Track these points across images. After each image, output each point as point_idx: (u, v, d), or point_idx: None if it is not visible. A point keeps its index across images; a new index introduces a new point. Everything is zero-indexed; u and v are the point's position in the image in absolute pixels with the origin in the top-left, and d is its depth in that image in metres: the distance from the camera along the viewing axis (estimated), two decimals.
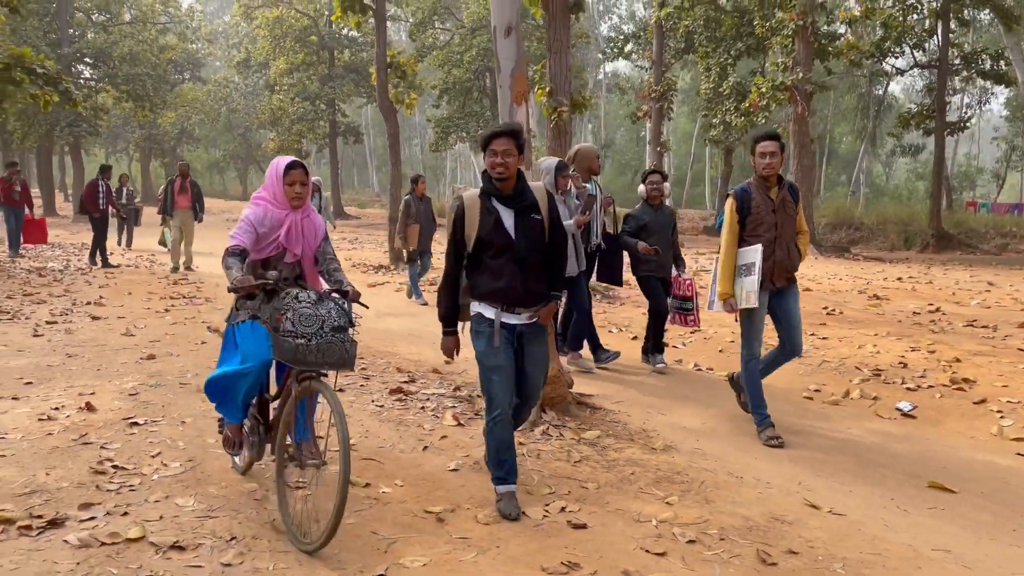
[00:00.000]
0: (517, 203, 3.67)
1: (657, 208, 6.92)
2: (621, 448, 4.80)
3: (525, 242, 3.66)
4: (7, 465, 4.23)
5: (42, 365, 6.51)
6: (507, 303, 3.69)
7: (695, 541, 3.55)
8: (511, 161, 3.59)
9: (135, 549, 3.31)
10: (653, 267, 6.85)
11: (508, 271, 3.65)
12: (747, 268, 5.04)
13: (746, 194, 5.09)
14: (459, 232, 3.72)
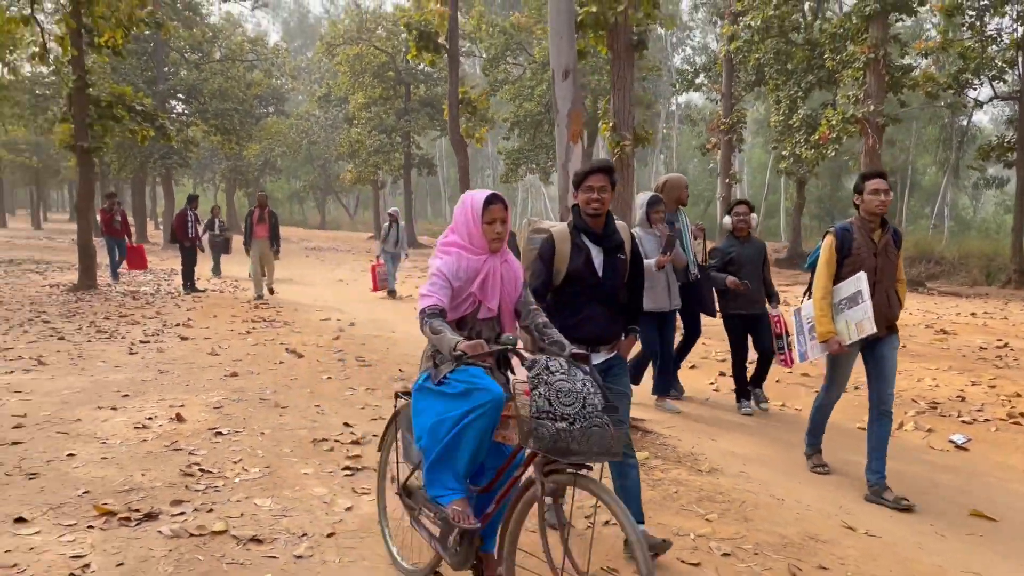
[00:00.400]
0: (607, 242, 3.65)
1: (744, 240, 6.56)
2: (667, 469, 5.02)
3: (611, 282, 3.65)
4: (108, 466, 4.73)
5: (137, 380, 7.10)
6: (591, 343, 3.60)
7: (729, 554, 3.77)
8: (606, 197, 3.57)
9: (219, 541, 3.72)
10: (741, 303, 6.46)
11: (592, 309, 3.64)
12: (850, 300, 4.71)
13: (847, 234, 4.75)
14: (546, 265, 3.65)
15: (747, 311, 6.53)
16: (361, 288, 16.36)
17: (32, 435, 5.32)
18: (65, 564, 3.43)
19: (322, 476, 4.67)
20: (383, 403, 6.53)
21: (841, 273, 4.79)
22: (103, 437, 5.33)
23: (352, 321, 11.29)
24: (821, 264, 4.86)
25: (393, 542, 3.61)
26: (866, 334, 4.64)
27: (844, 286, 4.76)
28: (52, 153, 41.25)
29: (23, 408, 6.01)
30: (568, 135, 5.77)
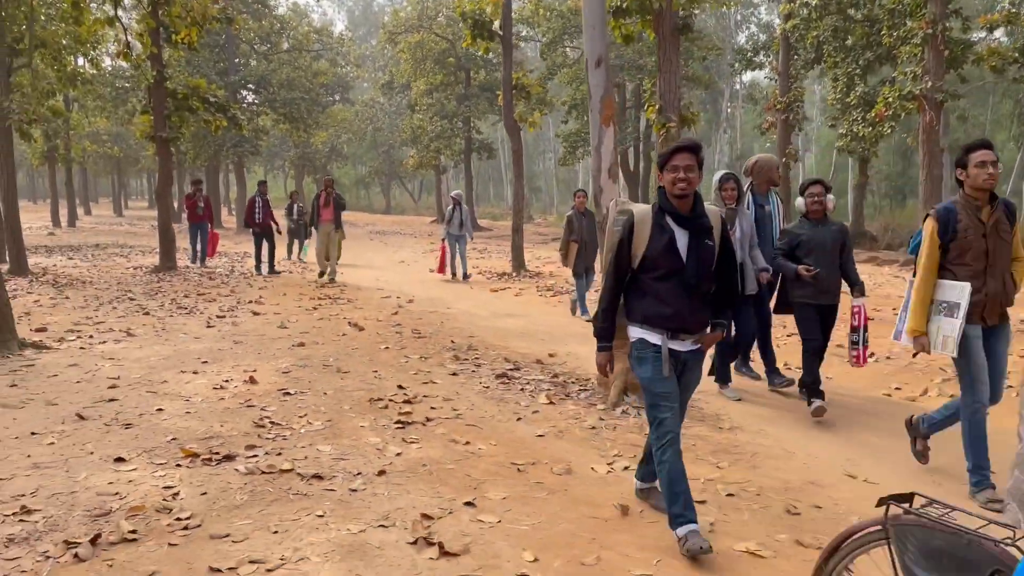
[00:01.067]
0: (693, 225, 3.45)
1: (819, 223, 5.87)
2: (690, 426, 5.45)
3: (696, 267, 3.44)
4: (192, 419, 5.41)
5: (214, 349, 7.84)
6: (673, 330, 3.50)
7: (733, 495, 4.21)
8: (693, 177, 3.40)
9: (286, 477, 4.32)
10: (811, 292, 5.79)
11: (675, 296, 3.45)
12: (948, 307, 4.28)
13: (951, 214, 4.26)
14: (625, 247, 3.52)
15: (815, 301, 5.83)
16: (421, 269, 17.02)
17: (126, 394, 6.05)
18: (158, 493, 4.07)
19: (376, 428, 5.26)
20: (434, 369, 7.10)
21: (950, 259, 4.31)
22: (186, 396, 6.03)
23: (411, 299, 11.93)
24: (922, 252, 4.38)
25: None
26: (947, 353, 4.34)
27: (949, 288, 4.31)
28: (132, 143, 43.23)
29: (117, 372, 6.77)
30: (601, 119, 6.18)
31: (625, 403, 5.84)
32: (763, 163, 6.60)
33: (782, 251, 5.93)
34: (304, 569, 3.26)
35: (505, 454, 4.79)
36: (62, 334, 8.51)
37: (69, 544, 3.46)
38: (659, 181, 3.52)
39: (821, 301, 5.86)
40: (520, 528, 3.71)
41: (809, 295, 5.82)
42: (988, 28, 19.87)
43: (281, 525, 3.70)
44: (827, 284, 5.81)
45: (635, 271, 3.54)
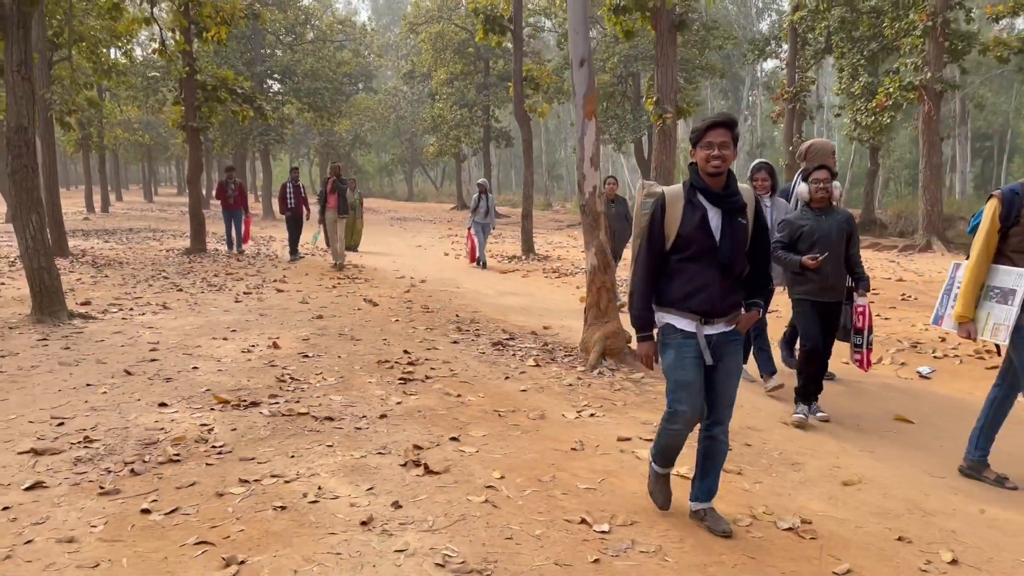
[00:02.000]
0: (726, 203, 3.32)
1: (822, 212, 5.37)
2: (655, 384, 6.20)
3: (729, 246, 3.30)
4: (223, 375, 6.24)
5: (242, 320, 8.68)
6: (704, 313, 3.35)
7: None
8: (728, 154, 3.27)
9: (302, 419, 5.13)
10: (814, 288, 5.31)
11: (707, 277, 3.32)
12: (1002, 293, 4.09)
13: (1016, 197, 4.10)
14: (657, 228, 3.39)
15: (817, 298, 5.35)
16: (436, 253, 17.83)
17: (165, 355, 6.91)
18: (196, 429, 4.89)
19: (382, 384, 6.06)
20: (438, 338, 7.89)
21: (1010, 245, 4.14)
22: (218, 357, 6.87)
23: (423, 279, 12.74)
24: (980, 232, 4.20)
25: None
26: (997, 341, 4.17)
27: (1004, 272, 4.13)
28: (162, 131, 44.43)
29: (156, 338, 7.64)
30: (584, 114, 6.89)
31: (602, 366, 6.59)
32: (818, 148, 6.23)
33: (782, 243, 5.39)
34: (315, 481, 4.07)
35: (490, 404, 5.57)
36: (105, 307, 9.41)
37: (126, 463, 4.30)
38: (691, 157, 3.41)
39: (824, 298, 5.34)
40: (493, 456, 4.50)
41: (812, 291, 5.32)
42: (995, 18, 20.28)
43: (297, 452, 4.51)
44: (832, 279, 5.29)
45: (668, 252, 3.39)
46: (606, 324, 6.82)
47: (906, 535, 3.67)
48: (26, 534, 3.45)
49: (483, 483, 4.08)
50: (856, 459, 4.73)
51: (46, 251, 8.52)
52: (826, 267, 5.23)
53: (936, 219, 16.36)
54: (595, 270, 6.94)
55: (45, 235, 8.58)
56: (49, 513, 3.66)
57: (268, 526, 3.55)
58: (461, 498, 3.88)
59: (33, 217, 8.46)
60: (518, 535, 3.50)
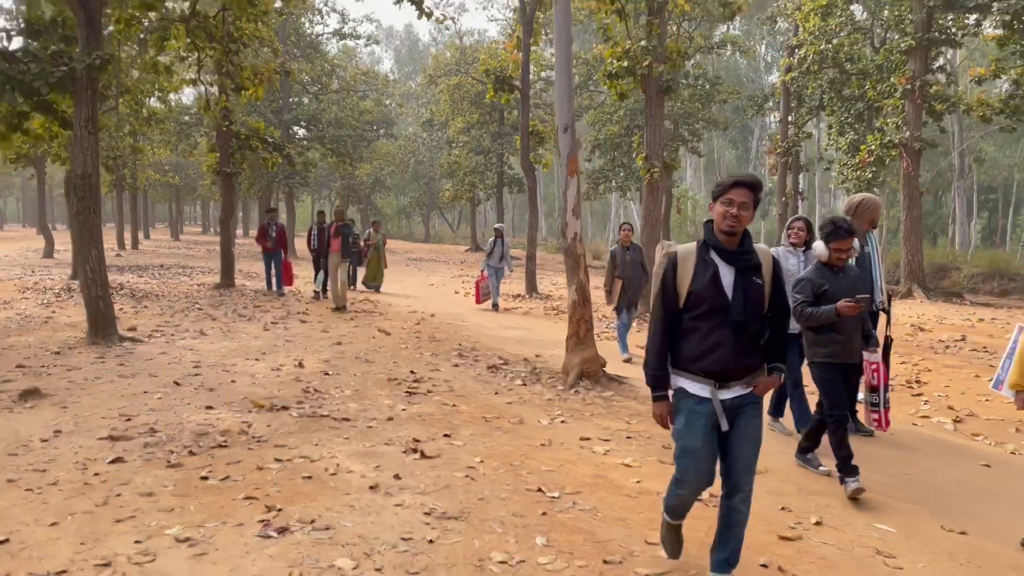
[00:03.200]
0: (739, 261, 3.27)
1: (839, 271, 5.11)
2: (622, 401, 7.29)
3: (742, 305, 3.22)
4: (257, 387, 7.40)
5: (270, 345, 9.87)
6: (718, 378, 3.26)
7: (631, 437, 6.04)
8: (745, 215, 3.23)
9: (323, 419, 6.26)
10: (838, 350, 5.03)
11: (720, 336, 3.24)
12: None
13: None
14: (670, 287, 3.34)
15: (841, 360, 5.05)
16: (448, 291, 19.02)
17: (206, 371, 8.08)
18: (238, 425, 6.03)
19: (390, 396, 7.19)
20: (441, 362, 9.03)
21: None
22: (252, 373, 8.04)
23: (433, 313, 13.90)
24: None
25: None
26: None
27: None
28: (191, 172, 46.32)
29: (197, 358, 8.82)
30: (567, 172, 8.06)
31: (579, 385, 7.69)
32: (868, 204, 6.21)
33: (807, 301, 5.04)
34: (335, 460, 5.19)
35: (479, 412, 6.68)
36: (149, 332, 10.63)
37: (185, 447, 5.44)
38: (710, 211, 3.38)
39: (848, 360, 5.07)
40: (476, 448, 5.60)
41: (836, 353, 5.02)
42: (977, 80, 21.54)
43: (320, 442, 5.64)
44: (856, 339, 5.09)
45: (680, 310, 3.34)
46: (584, 351, 7.93)
47: (788, 506, 4.74)
48: (115, 490, 4.58)
49: (466, 464, 5.18)
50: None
51: (103, 282, 9.77)
52: (848, 326, 4.99)
53: (917, 268, 17.35)
54: (575, 304, 8.08)
55: (103, 268, 9.84)
56: (130, 478, 4.80)
57: (298, 488, 4.67)
58: (447, 474, 4.99)
59: (93, 252, 9.73)
60: (488, 497, 4.60)
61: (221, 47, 12.38)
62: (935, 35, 17.65)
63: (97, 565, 3.60)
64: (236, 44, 13.30)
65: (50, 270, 21.39)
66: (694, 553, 3.88)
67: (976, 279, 27.49)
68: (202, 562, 3.65)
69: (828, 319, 4.91)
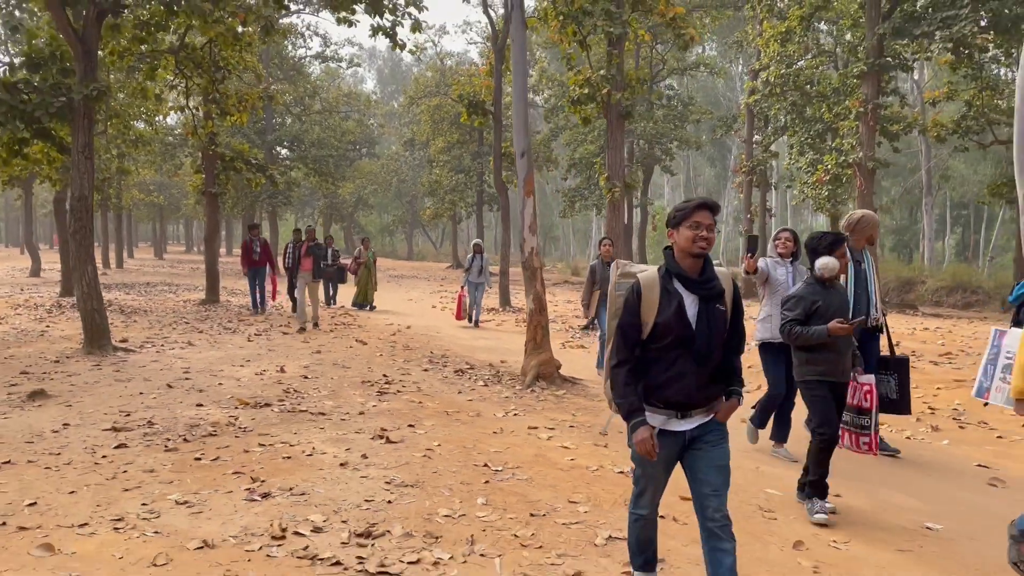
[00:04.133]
0: (703, 289, 3.19)
1: (831, 287, 4.97)
2: (573, 399, 8.12)
3: (707, 335, 3.16)
4: (242, 388, 8.17)
5: (254, 353, 10.63)
6: (679, 408, 3.21)
7: (574, 427, 6.86)
8: (712, 237, 3.18)
9: (302, 414, 7.05)
10: (830, 368, 4.82)
11: (683, 366, 3.17)
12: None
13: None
14: (634, 315, 3.22)
15: (833, 378, 4.85)
16: (425, 306, 19.82)
17: (196, 376, 8.84)
18: (226, 419, 6.80)
19: (363, 395, 7.98)
20: (412, 368, 9.82)
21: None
22: (237, 378, 8.80)
23: (409, 325, 14.70)
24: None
25: None
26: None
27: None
28: (174, 192, 46.97)
29: (186, 364, 9.57)
30: (524, 193, 8.89)
31: (535, 385, 8.50)
32: (868, 220, 6.12)
33: (797, 320, 4.87)
34: (311, 445, 5.98)
35: (442, 407, 7.49)
36: (140, 343, 11.36)
37: (179, 435, 6.21)
38: (670, 239, 3.28)
39: (840, 379, 4.88)
40: (436, 435, 6.40)
41: (828, 372, 4.82)
42: (932, 103, 22.67)
43: (299, 431, 6.42)
44: (847, 358, 4.91)
45: (644, 341, 3.23)
46: (540, 354, 8.76)
47: None
48: (122, 468, 5.35)
49: (425, 447, 5.99)
50: None
51: (98, 296, 10.52)
52: (841, 344, 4.82)
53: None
54: (532, 313, 8.91)
55: (98, 283, 10.58)
56: (133, 459, 5.57)
57: (279, 466, 5.46)
58: (408, 455, 5.79)
59: (88, 268, 10.48)
60: (441, 471, 5.40)
61: (208, 76, 13.20)
62: (887, 60, 18.72)
63: (112, 520, 4.37)
64: (221, 72, 14.13)
65: (38, 288, 22.03)
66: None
67: (940, 292, 28.58)
68: (199, 518, 4.43)
69: (819, 340, 4.75)
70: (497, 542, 4.19)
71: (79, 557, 3.86)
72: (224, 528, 4.28)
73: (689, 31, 13.70)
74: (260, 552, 3.97)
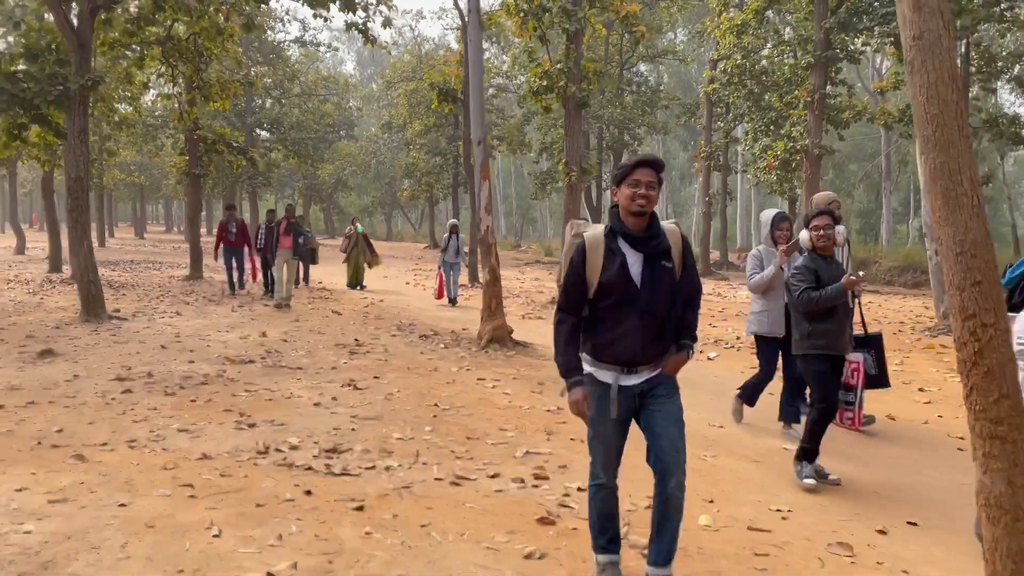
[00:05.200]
0: (647, 246, 3.20)
1: (829, 260, 5.09)
2: (521, 359, 9.23)
3: (651, 293, 3.16)
4: (228, 349, 9.21)
5: (238, 322, 11.65)
6: (626, 365, 3.22)
7: (516, 379, 7.98)
8: (653, 195, 3.14)
9: (282, 368, 8.11)
10: (829, 342, 4.93)
11: (628, 325, 3.18)
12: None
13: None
14: (579, 275, 3.23)
15: (834, 351, 4.96)
16: (399, 282, 20.87)
17: (185, 340, 9.86)
18: (215, 371, 7.85)
19: (336, 355, 9.04)
20: (382, 333, 10.90)
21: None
22: (224, 341, 9.84)
23: (382, 299, 15.76)
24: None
25: None
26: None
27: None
28: (155, 172, 47.49)
29: (176, 331, 10.59)
30: (480, 177, 9.93)
31: (489, 347, 9.61)
32: (816, 199, 6.21)
33: (811, 286, 4.90)
34: (290, 391, 7.05)
35: (404, 365, 8.58)
36: (132, 313, 12.34)
37: (176, 383, 7.27)
38: (613, 197, 3.29)
39: (840, 352, 4.99)
40: (397, 384, 7.50)
41: (829, 345, 4.92)
42: (880, 92, 23.90)
43: (279, 381, 7.50)
44: (847, 332, 5.05)
45: (591, 300, 3.25)
46: (494, 320, 9.86)
47: None
48: (129, 407, 6.40)
49: (386, 392, 7.09)
50: None
51: (94, 268, 11.48)
52: (841, 316, 4.95)
53: None
54: (488, 284, 10.00)
55: (93, 256, 11.54)
56: (138, 400, 6.62)
57: (262, 406, 6.53)
58: (371, 398, 6.89)
59: (84, 243, 11.44)
60: (398, 409, 6.51)
61: (192, 65, 14.12)
62: (835, 53, 19.86)
63: (127, 441, 5.43)
64: (204, 59, 15.02)
65: (25, 265, 22.82)
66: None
67: (892, 272, 30.01)
68: (197, 440, 5.50)
69: (838, 297, 4.82)
70: (437, 456, 5.30)
71: (105, 464, 4.92)
72: (219, 446, 5.35)
73: (640, 28, 14.70)
74: (248, 462, 5.06)
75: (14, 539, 3.64)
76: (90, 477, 4.59)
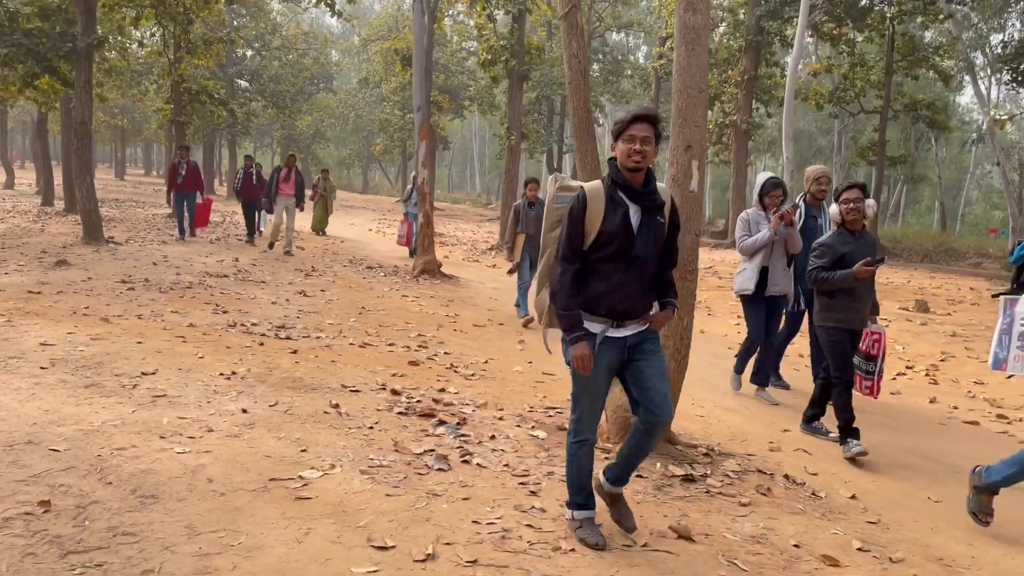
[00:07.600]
0: (646, 200, 3.19)
1: (858, 236, 5.13)
2: (444, 286, 11.53)
3: (646, 246, 3.19)
4: (208, 268, 11.42)
5: (215, 250, 13.82)
6: (618, 316, 3.23)
7: (433, 297, 10.27)
8: (649, 150, 3.12)
9: (251, 283, 10.35)
10: (846, 316, 5.09)
11: (623, 277, 3.20)
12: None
13: None
14: (578, 225, 3.20)
15: (852, 326, 5.12)
16: (363, 229, 23.03)
17: (172, 260, 12.03)
18: (198, 281, 10.06)
19: (294, 276, 11.26)
20: (335, 265, 13.12)
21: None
22: (204, 262, 12.03)
23: (342, 240, 17.96)
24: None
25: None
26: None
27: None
28: (136, 116, 48.87)
29: (164, 255, 12.76)
30: (419, 137, 12.07)
31: (421, 278, 11.89)
32: (807, 175, 6.38)
33: (822, 267, 5.06)
34: (254, 295, 9.30)
35: (347, 284, 10.84)
36: (125, 240, 14.46)
37: (167, 285, 9.49)
38: (611, 151, 3.27)
39: (858, 327, 5.14)
40: (337, 295, 9.77)
41: (847, 319, 5.07)
42: (812, 74, 26.17)
43: (246, 289, 9.74)
44: (867, 307, 5.18)
45: (585, 251, 3.22)
46: (426, 255, 12.13)
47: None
48: (133, 299, 8.63)
49: (327, 299, 9.37)
50: None
51: (94, 199, 13.57)
52: (862, 292, 5.08)
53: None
54: (423, 226, 12.25)
55: (94, 189, 13.62)
56: (139, 294, 8.85)
57: (232, 302, 8.79)
58: (315, 302, 9.17)
59: (87, 177, 13.52)
60: (334, 308, 8.79)
61: (182, 27, 16.07)
62: (768, 36, 22.05)
63: (136, 315, 7.68)
64: (189, 20, 16.94)
65: (17, 199, 24.67)
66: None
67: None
68: (185, 318, 7.76)
69: (846, 284, 4.97)
70: (356, 335, 7.61)
71: (123, 326, 7.15)
72: (201, 321, 7.63)
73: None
74: (221, 329, 7.34)
75: (74, 353, 5.89)
76: (115, 329, 6.85)
